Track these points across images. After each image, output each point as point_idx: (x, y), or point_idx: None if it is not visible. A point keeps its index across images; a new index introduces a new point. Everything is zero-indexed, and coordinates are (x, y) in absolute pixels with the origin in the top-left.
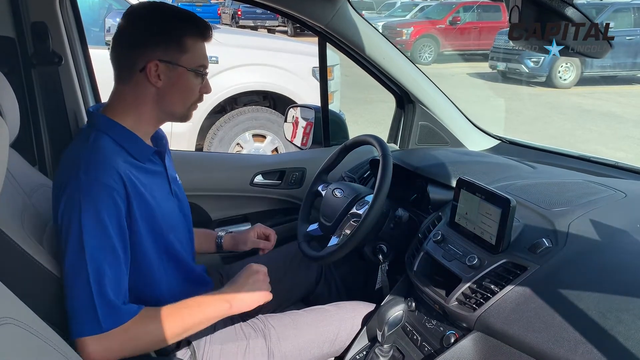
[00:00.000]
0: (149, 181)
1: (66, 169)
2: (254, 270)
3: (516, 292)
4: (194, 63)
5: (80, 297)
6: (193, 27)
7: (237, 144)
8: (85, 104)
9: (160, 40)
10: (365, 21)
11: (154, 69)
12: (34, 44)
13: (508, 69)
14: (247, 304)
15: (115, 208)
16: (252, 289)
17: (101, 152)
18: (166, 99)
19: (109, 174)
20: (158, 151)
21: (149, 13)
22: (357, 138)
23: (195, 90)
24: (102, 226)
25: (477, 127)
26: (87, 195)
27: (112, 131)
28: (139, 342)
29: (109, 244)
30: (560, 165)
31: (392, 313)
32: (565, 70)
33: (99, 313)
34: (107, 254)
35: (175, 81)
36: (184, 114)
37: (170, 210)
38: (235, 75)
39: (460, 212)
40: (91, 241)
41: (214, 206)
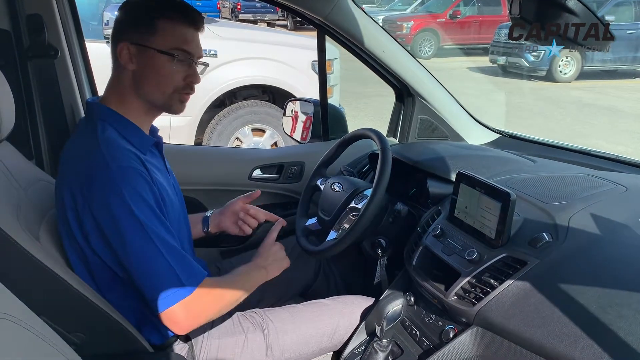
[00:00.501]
0: (154, 173)
1: (85, 161)
2: (270, 244)
3: (516, 286)
4: (166, 45)
5: (160, 271)
6: (168, 9)
7: (236, 138)
8: (82, 97)
9: (133, 23)
10: (365, 14)
11: (125, 51)
12: (30, 37)
13: (508, 63)
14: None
15: (150, 188)
16: (276, 257)
17: (114, 142)
18: (143, 85)
19: (135, 160)
20: (157, 143)
21: (134, 2)
22: (356, 132)
23: (175, 77)
24: (147, 204)
25: (477, 120)
26: (123, 180)
27: (114, 122)
28: (217, 304)
29: (159, 217)
30: (560, 159)
31: (390, 308)
32: (565, 65)
33: (181, 277)
34: (162, 226)
35: (147, 64)
36: (166, 103)
37: (173, 202)
38: (234, 69)
39: (459, 206)
40: (146, 219)
41: (212, 200)
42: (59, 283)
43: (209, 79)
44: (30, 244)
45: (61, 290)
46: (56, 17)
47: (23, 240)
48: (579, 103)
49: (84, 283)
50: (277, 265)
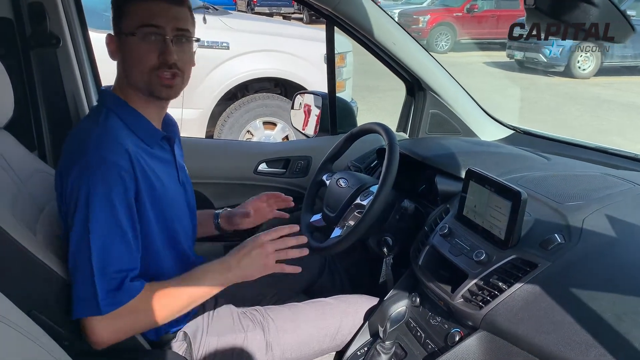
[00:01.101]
0: (157, 167)
1: (75, 147)
2: (259, 243)
3: (525, 290)
4: (132, 26)
5: (82, 276)
6: None
7: (247, 131)
8: (85, 87)
9: (112, 14)
10: (376, 5)
11: (110, 44)
12: (32, 25)
13: (526, 58)
14: (246, 275)
15: (124, 187)
16: (253, 260)
17: (111, 132)
18: (127, 73)
19: (118, 153)
20: (167, 137)
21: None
22: (363, 126)
23: (148, 56)
24: (109, 204)
25: (491, 116)
26: (95, 172)
27: (121, 111)
28: (147, 318)
29: (116, 222)
30: (576, 157)
31: (394, 309)
32: (584, 60)
33: (98, 294)
34: (114, 232)
35: (125, 50)
36: (147, 87)
37: (176, 198)
38: (246, 62)
39: (468, 204)
40: (98, 219)
41: (217, 194)
42: (51, 276)
43: (221, 71)
44: (25, 237)
45: (54, 284)
46: (58, 5)
47: (17, 233)
48: (597, 99)
49: None
50: (250, 270)
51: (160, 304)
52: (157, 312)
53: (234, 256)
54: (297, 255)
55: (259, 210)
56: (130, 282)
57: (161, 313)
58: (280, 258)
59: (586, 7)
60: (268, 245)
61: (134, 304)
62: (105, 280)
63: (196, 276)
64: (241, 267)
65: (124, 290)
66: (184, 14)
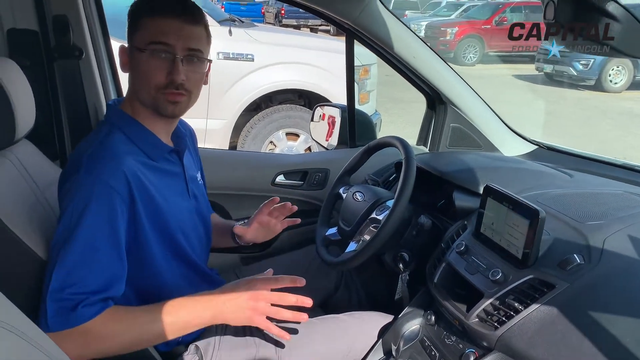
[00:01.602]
0: (161, 181)
1: (72, 162)
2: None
3: (542, 311)
4: (143, 41)
5: (43, 289)
6: (146, 4)
7: (270, 142)
8: (107, 97)
9: (127, 27)
10: (396, 18)
11: (122, 55)
12: (56, 37)
13: (555, 71)
14: (226, 319)
15: (110, 208)
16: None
17: (109, 149)
18: (135, 87)
19: (112, 173)
20: (175, 150)
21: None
22: (380, 140)
23: (156, 74)
24: (92, 224)
25: (514, 131)
26: (83, 190)
27: (126, 127)
28: (104, 344)
29: (94, 244)
30: (601, 174)
31: (408, 327)
32: (616, 74)
33: (47, 311)
34: (89, 253)
35: (133, 64)
36: (153, 104)
37: (182, 211)
38: (270, 73)
39: (486, 221)
40: (74, 237)
41: (235, 205)
42: None
43: (245, 83)
44: (40, 245)
45: None
46: (82, 17)
47: (32, 242)
48: (629, 114)
49: None
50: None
51: (119, 330)
52: (114, 338)
53: (221, 294)
54: (290, 319)
55: (267, 225)
56: (85, 307)
57: (120, 339)
58: (270, 316)
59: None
60: (263, 297)
61: (87, 326)
62: (58, 300)
63: (168, 310)
64: (223, 311)
65: (76, 312)
66: (197, 33)
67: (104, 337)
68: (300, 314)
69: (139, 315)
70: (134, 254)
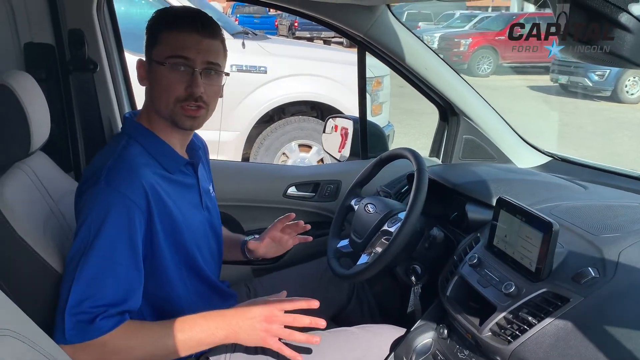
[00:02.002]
0: (177, 193)
1: (92, 173)
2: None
3: (556, 325)
4: (163, 55)
5: (60, 301)
6: (164, 17)
7: (282, 154)
8: (121, 110)
9: (146, 40)
10: (407, 30)
11: (140, 69)
12: (71, 51)
13: (570, 82)
14: (238, 339)
15: (129, 221)
16: (253, 330)
17: (128, 161)
18: (153, 100)
19: (131, 186)
20: (190, 162)
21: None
22: (392, 151)
23: (175, 87)
24: (109, 237)
25: (527, 142)
26: (101, 203)
27: (143, 139)
28: (120, 356)
29: (113, 256)
30: (617, 186)
31: (420, 340)
32: (632, 85)
33: (66, 323)
34: (108, 266)
35: (152, 77)
36: (171, 116)
37: (196, 223)
38: (283, 85)
39: (499, 234)
40: (93, 249)
41: (247, 217)
42: None
43: (258, 95)
44: (54, 256)
45: None
46: (97, 31)
47: (47, 253)
48: None
49: None
50: (249, 338)
51: (135, 344)
52: (130, 352)
53: (235, 314)
54: (303, 342)
55: (279, 240)
56: (103, 319)
57: (134, 353)
58: (284, 338)
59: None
60: (277, 319)
61: (105, 339)
62: (76, 313)
63: (182, 327)
64: (237, 331)
65: (94, 325)
66: (215, 47)
67: (119, 351)
68: (313, 337)
69: (153, 330)
70: (148, 266)
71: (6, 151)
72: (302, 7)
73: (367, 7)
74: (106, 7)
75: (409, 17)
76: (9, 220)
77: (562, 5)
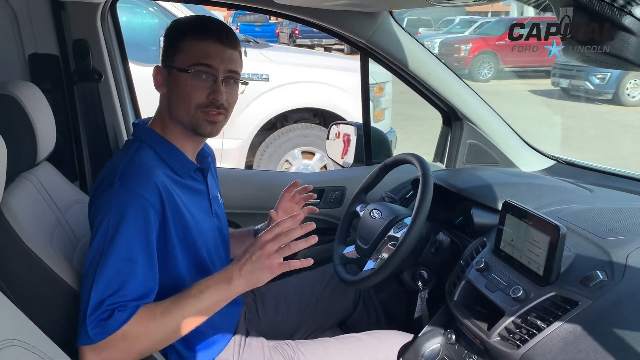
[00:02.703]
0: (188, 198)
1: (104, 177)
2: (260, 245)
3: (565, 329)
4: (186, 62)
5: (81, 304)
6: (187, 26)
7: (286, 161)
8: (125, 120)
9: (164, 46)
10: (410, 36)
11: (158, 76)
12: (75, 61)
13: (571, 85)
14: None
15: (145, 220)
16: (256, 266)
17: (140, 163)
18: (172, 106)
19: (146, 186)
20: (200, 168)
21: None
22: (397, 157)
23: (197, 94)
24: (127, 237)
25: (531, 146)
26: (119, 204)
27: (155, 144)
28: (143, 343)
29: (131, 255)
30: (621, 189)
31: (428, 346)
32: (634, 87)
33: (88, 324)
34: (126, 265)
35: (174, 85)
36: (192, 122)
37: (207, 228)
38: (286, 93)
39: (505, 238)
40: (111, 250)
41: (253, 224)
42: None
43: (261, 103)
44: (61, 266)
45: None
46: (101, 42)
47: (54, 263)
48: None
49: None
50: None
51: (154, 326)
52: (151, 335)
53: (235, 265)
54: (303, 246)
55: (291, 211)
56: (119, 311)
57: (156, 335)
58: (285, 254)
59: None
60: (269, 245)
61: (125, 330)
62: (98, 312)
63: (193, 294)
64: (244, 276)
65: (113, 318)
66: (235, 56)
67: (142, 336)
68: (310, 239)
69: (166, 308)
70: (161, 266)
71: (13, 161)
72: (305, 15)
73: (370, 13)
74: (110, 17)
75: (409, 23)
76: (16, 231)
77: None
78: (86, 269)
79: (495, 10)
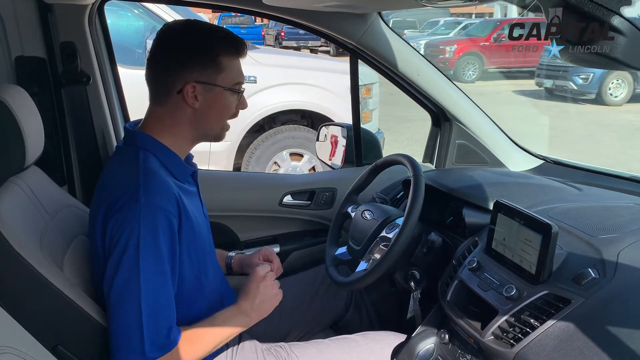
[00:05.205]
0: (189, 201)
1: (119, 188)
2: (261, 277)
3: (558, 327)
4: (231, 81)
5: (128, 321)
6: (228, 44)
7: (274, 163)
8: (114, 123)
9: (197, 61)
10: (399, 37)
11: (191, 91)
12: (63, 64)
13: (555, 86)
14: (264, 312)
15: (171, 232)
16: (264, 296)
17: (158, 176)
18: (202, 120)
19: (169, 199)
20: (194, 171)
21: (183, 33)
22: (388, 157)
23: (232, 108)
24: (158, 251)
25: (519, 146)
26: (147, 219)
27: (157, 151)
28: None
29: (164, 268)
30: (609, 187)
31: (422, 346)
32: (616, 87)
33: (145, 340)
34: (161, 279)
35: (213, 101)
36: (218, 134)
37: (204, 230)
38: (273, 95)
39: (497, 237)
40: (148, 265)
41: (242, 227)
42: (78, 313)
43: (249, 105)
44: (51, 272)
45: (80, 320)
46: (89, 44)
47: (43, 268)
48: (631, 127)
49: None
50: (265, 306)
51: (192, 349)
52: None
53: (246, 301)
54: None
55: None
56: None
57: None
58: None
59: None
60: (268, 277)
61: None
62: (154, 326)
63: (219, 322)
64: (256, 309)
65: (171, 337)
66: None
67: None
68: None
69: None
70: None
71: (1, 166)
72: (294, 17)
73: (359, 15)
74: (98, 19)
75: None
76: (5, 236)
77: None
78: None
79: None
